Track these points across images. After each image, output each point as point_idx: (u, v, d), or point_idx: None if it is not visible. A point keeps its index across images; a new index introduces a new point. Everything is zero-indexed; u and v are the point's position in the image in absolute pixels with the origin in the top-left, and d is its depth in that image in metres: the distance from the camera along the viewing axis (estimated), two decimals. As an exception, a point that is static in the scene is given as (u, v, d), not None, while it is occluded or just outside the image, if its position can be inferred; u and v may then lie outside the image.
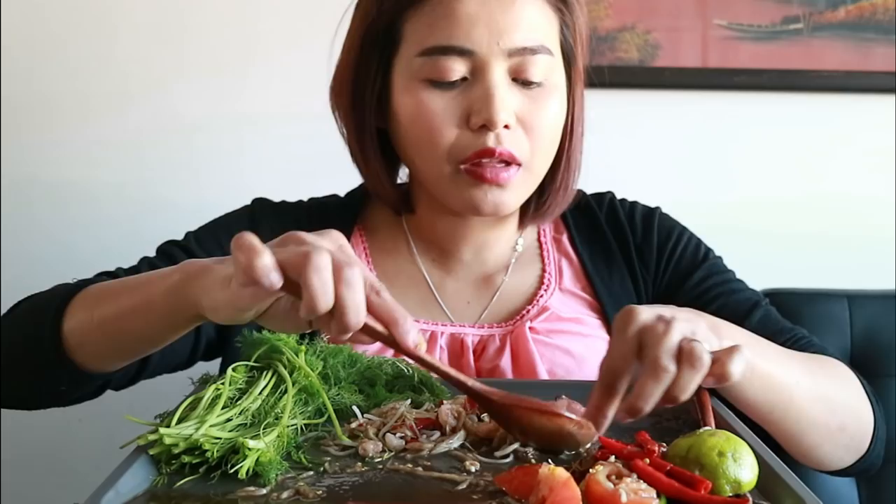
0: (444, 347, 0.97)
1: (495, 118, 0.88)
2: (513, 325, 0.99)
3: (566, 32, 0.95)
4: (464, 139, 0.90)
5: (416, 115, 0.91)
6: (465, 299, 1.02)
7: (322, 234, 0.64)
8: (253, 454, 0.62)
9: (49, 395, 0.85)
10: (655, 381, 0.65)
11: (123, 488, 0.60)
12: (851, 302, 1.41)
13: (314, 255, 0.58)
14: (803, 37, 1.57)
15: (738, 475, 0.58)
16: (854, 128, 1.60)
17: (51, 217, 1.58)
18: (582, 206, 1.09)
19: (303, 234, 0.63)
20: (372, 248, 1.05)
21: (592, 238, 1.06)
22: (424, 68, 0.90)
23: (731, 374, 0.65)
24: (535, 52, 0.90)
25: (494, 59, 0.88)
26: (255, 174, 1.57)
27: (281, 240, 0.64)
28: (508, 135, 0.90)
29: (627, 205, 1.10)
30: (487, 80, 0.89)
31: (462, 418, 0.73)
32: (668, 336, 0.66)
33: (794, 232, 1.60)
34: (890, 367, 1.38)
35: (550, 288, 1.02)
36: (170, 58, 1.56)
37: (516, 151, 0.90)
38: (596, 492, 0.54)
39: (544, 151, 0.94)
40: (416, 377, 0.82)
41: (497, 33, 0.88)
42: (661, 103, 1.59)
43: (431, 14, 0.89)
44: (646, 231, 1.06)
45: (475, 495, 0.60)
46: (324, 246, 0.61)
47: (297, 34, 1.51)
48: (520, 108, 0.90)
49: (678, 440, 0.62)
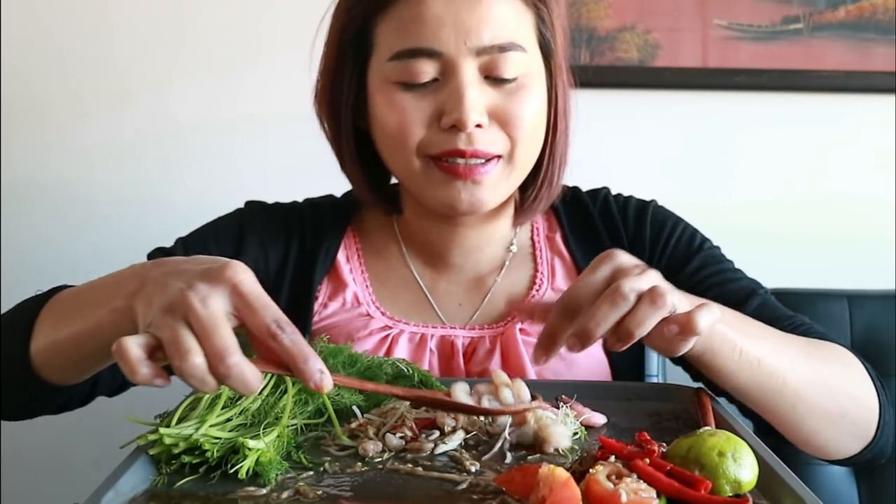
0: (434, 350, 0.97)
1: (465, 118, 0.87)
2: (503, 327, 0.98)
3: (543, 28, 0.94)
4: (434, 137, 0.90)
5: (389, 117, 0.91)
6: (456, 301, 1.02)
7: (215, 281, 0.61)
8: (253, 454, 0.62)
9: (21, 408, 0.87)
10: (611, 304, 0.65)
11: (123, 488, 0.60)
12: (851, 302, 1.41)
13: (184, 363, 0.57)
14: (803, 37, 1.56)
15: (738, 475, 0.58)
16: (854, 128, 1.60)
17: (48, 218, 1.58)
18: (576, 202, 1.08)
19: (192, 299, 0.59)
20: (364, 249, 1.05)
21: (586, 235, 1.06)
22: (395, 72, 0.89)
23: (697, 323, 0.64)
24: (504, 49, 0.89)
25: (463, 59, 0.88)
26: (252, 175, 1.57)
27: (170, 305, 0.60)
28: (482, 133, 0.89)
29: (622, 199, 1.09)
30: (457, 80, 0.88)
31: (460, 419, 0.73)
32: (640, 277, 0.66)
33: (794, 232, 1.60)
34: (890, 367, 1.38)
35: (543, 288, 1.01)
36: (167, 59, 1.56)
37: (492, 147, 0.90)
38: (596, 492, 0.54)
39: (526, 144, 0.92)
40: (416, 377, 0.82)
41: (464, 33, 0.87)
42: (661, 103, 1.59)
43: (399, 18, 0.89)
44: (638, 225, 1.05)
45: (475, 495, 0.60)
46: (208, 321, 0.58)
47: (294, 35, 1.50)
48: (494, 105, 0.90)
49: (678, 440, 0.62)
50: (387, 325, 0.99)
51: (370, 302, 1.01)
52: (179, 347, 0.58)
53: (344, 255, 1.04)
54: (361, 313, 1.00)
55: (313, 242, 1.03)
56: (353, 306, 1.00)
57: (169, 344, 0.58)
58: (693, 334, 0.66)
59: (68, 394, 0.85)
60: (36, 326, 0.80)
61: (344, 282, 1.02)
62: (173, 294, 0.60)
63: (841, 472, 1.38)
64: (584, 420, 0.75)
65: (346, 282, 1.02)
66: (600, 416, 0.77)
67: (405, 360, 0.84)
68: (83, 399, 0.91)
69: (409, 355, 0.96)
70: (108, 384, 0.91)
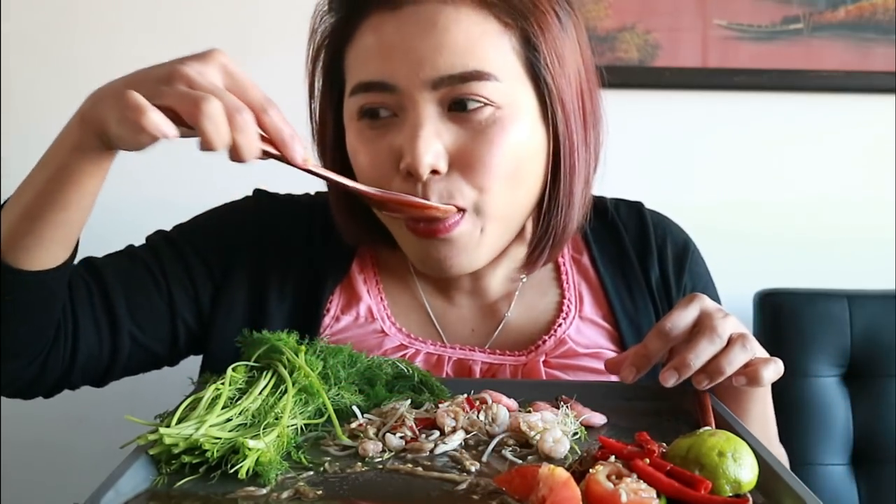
0: (450, 374, 0.91)
1: (416, 163, 0.77)
2: (526, 357, 0.91)
3: (529, 51, 0.81)
4: (397, 186, 0.80)
5: (356, 158, 0.84)
6: (468, 327, 0.95)
7: (205, 60, 0.66)
8: (253, 454, 0.62)
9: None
10: (709, 342, 0.72)
11: (123, 488, 0.60)
12: (851, 302, 1.41)
13: (204, 105, 0.61)
14: (803, 37, 1.57)
15: (738, 475, 0.58)
16: (854, 128, 1.60)
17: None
18: (604, 217, 0.99)
19: (187, 69, 0.64)
20: (379, 265, 0.98)
21: (615, 261, 0.97)
22: (356, 106, 0.82)
23: (762, 377, 0.72)
24: (466, 79, 0.77)
25: (418, 93, 0.78)
26: (253, 175, 1.56)
27: (167, 75, 0.65)
28: (440, 181, 0.79)
29: (661, 229, 1.00)
30: (411, 118, 0.79)
31: (460, 419, 0.73)
32: (726, 320, 0.75)
33: (794, 232, 1.60)
34: (890, 367, 1.39)
35: (570, 317, 0.93)
36: (168, 58, 1.56)
37: (454, 198, 0.80)
38: (596, 492, 0.54)
39: (495, 193, 0.80)
40: (416, 377, 0.82)
41: (417, 63, 0.77)
42: (661, 103, 1.59)
43: (360, 48, 0.82)
44: (677, 268, 0.98)
45: (475, 495, 0.60)
46: (212, 86, 0.63)
47: (293, 35, 1.50)
48: (456, 146, 0.79)
49: (678, 440, 0.62)
50: (403, 344, 0.92)
51: (385, 318, 0.94)
52: (195, 96, 0.61)
53: (358, 266, 0.97)
54: (376, 329, 0.93)
55: (325, 242, 0.96)
56: (367, 321, 0.93)
57: (182, 97, 0.62)
58: (757, 385, 0.74)
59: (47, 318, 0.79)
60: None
61: (358, 294, 0.95)
62: (166, 70, 0.64)
63: (841, 472, 1.39)
64: (584, 420, 0.75)
65: (361, 294, 0.94)
66: (600, 417, 0.77)
67: (405, 360, 0.84)
68: (65, 361, 0.84)
69: None
70: (92, 366, 0.87)
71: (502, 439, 0.70)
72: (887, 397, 1.38)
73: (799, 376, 1.38)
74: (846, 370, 1.41)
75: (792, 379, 0.99)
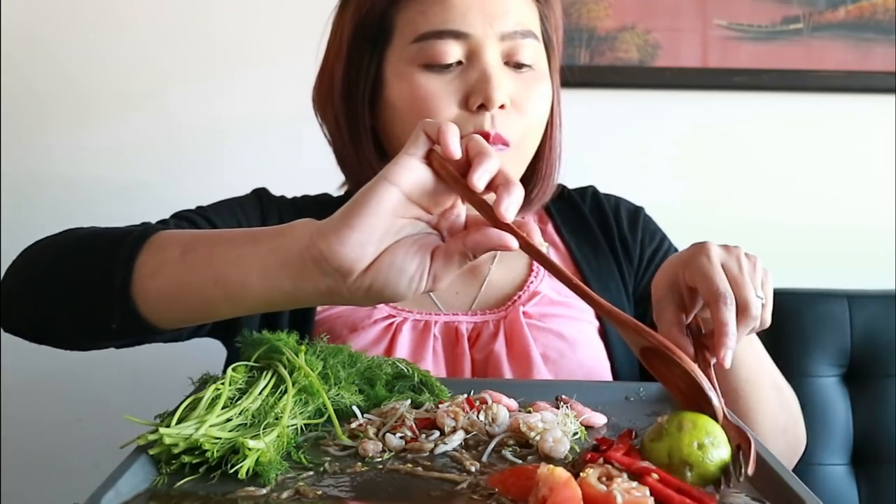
0: (437, 336, 0.98)
1: (493, 96, 0.90)
2: (506, 311, 1.00)
3: (546, 24, 0.99)
4: (461, 120, 0.92)
5: (413, 100, 0.93)
6: (453, 290, 1.03)
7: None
8: (253, 454, 0.62)
9: (94, 331, 0.78)
10: (744, 324, 0.73)
11: (123, 488, 0.60)
12: (851, 302, 1.41)
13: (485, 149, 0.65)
14: (803, 37, 1.57)
15: (721, 455, 0.59)
16: (854, 128, 1.60)
17: (50, 218, 1.56)
18: (564, 198, 1.12)
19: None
20: None
21: (577, 228, 1.09)
22: (420, 54, 0.92)
23: (766, 322, 0.76)
24: (525, 35, 0.94)
25: (489, 42, 0.92)
26: (252, 176, 1.56)
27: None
28: (502, 116, 0.92)
29: (613, 199, 1.13)
30: (484, 61, 0.92)
31: (460, 419, 0.73)
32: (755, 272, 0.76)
33: (794, 232, 1.60)
34: (890, 367, 1.39)
35: (540, 274, 1.03)
36: (168, 59, 1.56)
37: (507, 133, 0.93)
38: (590, 495, 0.54)
39: (534, 134, 0.97)
40: (417, 377, 0.82)
41: (490, 17, 0.92)
42: (662, 103, 1.59)
43: (424, 2, 0.93)
44: (631, 226, 1.10)
45: (475, 495, 0.60)
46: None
47: (296, 37, 1.50)
48: (513, 90, 0.93)
49: (650, 444, 0.61)
50: (390, 314, 0.98)
51: None
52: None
53: None
54: None
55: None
56: None
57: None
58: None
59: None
60: (144, 247, 0.73)
61: None
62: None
63: (841, 472, 1.39)
64: (584, 420, 0.75)
65: None
66: (600, 416, 0.77)
67: (405, 360, 0.84)
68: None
69: (413, 342, 0.96)
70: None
71: (502, 439, 0.70)
72: (887, 397, 1.38)
73: (799, 376, 1.38)
74: (846, 370, 1.41)
75: (792, 379, 1.00)
